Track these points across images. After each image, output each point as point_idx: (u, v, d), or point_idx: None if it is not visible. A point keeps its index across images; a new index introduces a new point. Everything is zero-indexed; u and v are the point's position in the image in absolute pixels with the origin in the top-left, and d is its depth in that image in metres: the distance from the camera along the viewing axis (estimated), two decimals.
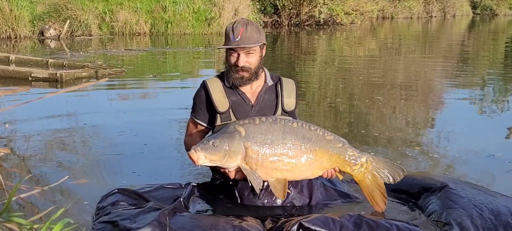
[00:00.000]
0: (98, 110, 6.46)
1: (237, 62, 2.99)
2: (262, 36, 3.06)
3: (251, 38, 2.97)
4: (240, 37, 2.95)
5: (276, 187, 2.78)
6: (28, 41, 16.47)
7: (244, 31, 2.95)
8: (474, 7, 43.37)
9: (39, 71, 8.97)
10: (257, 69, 3.06)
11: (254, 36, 2.98)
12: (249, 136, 2.73)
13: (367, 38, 20.29)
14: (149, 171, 4.07)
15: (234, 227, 2.55)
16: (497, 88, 8.69)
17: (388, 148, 4.84)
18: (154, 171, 4.05)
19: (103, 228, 2.65)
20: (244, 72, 3.01)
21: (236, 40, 2.95)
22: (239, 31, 2.95)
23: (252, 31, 2.98)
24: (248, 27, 2.98)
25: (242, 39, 2.95)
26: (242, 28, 2.96)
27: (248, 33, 2.96)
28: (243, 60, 2.99)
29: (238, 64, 2.99)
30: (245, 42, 2.95)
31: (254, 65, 3.03)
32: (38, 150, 4.67)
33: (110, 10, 18.70)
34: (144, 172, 4.03)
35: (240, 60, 2.99)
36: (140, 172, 4.05)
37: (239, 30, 2.95)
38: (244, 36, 2.95)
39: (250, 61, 3.01)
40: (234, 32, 2.96)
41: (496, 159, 4.46)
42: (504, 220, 2.77)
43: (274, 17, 25.24)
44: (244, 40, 2.95)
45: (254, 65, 3.03)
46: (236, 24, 3.00)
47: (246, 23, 3.00)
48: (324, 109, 6.74)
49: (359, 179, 2.91)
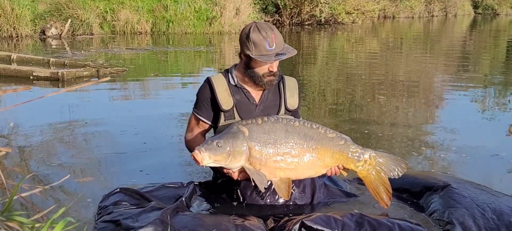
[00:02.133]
0: (99, 110, 6.47)
1: (271, 69, 2.95)
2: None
3: (282, 42, 2.93)
4: (276, 45, 2.89)
5: (280, 187, 2.78)
6: (29, 40, 16.47)
7: (276, 37, 2.89)
8: (476, 6, 43.38)
9: (40, 70, 8.97)
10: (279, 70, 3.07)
11: (282, 41, 2.94)
12: (252, 136, 2.72)
13: (369, 38, 20.28)
14: (151, 170, 4.07)
15: (237, 226, 2.55)
16: (499, 88, 8.68)
17: (390, 147, 4.84)
18: (156, 170, 4.04)
19: (105, 227, 2.65)
20: (274, 76, 3.01)
21: (273, 48, 2.88)
22: (273, 39, 2.88)
23: (278, 34, 2.94)
24: (275, 31, 2.93)
25: (278, 46, 2.90)
26: (273, 35, 2.89)
27: (278, 38, 2.91)
28: (276, 66, 2.99)
29: (273, 70, 2.96)
30: (280, 47, 2.91)
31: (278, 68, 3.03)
32: (39, 149, 4.67)
33: (111, 9, 18.71)
34: (146, 171, 4.03)
35: (275, 67, 2.97)
36: (142, 171, 4.04)
37: (272, 38, 2.88)
38: (278, 42, 2.90)
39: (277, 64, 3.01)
40: (268, 41, 2.87)
41: (499, 158, 4.45)
42: (506, 220, 2.77)
43: (276, 16, 25.24)
44: (280, 46, 2.90)
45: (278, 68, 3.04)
46: (265, 31, 2.89)
47: (271, 28, 2.93)
48: (325, 109, 6.73)
49: (363, 175, 2.90)
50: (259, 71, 2.96)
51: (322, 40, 19.15)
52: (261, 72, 2.96)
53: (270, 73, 2.96)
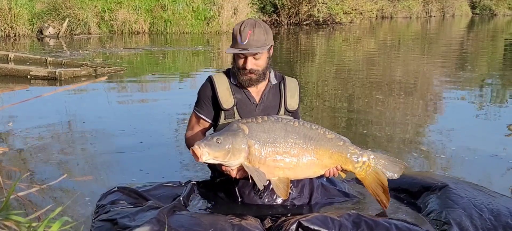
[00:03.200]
0: (97, 109, 6.46)
1: (245, 65, 2.94)
2: (270, 37, 2.99)
3: (258, 41, 2.90)
4: (248, 41, 2.87)
5: (278, 186, 2.77)
6: (27, 40, 16.46)
7: (251, 34, 2.88)
8: (473, 7, 43.45)
9: (38, 69, 8.96)
10: (265, 71, 3.02)
11: (261, 39, 2.91)
12: (252, 134, 2.71)
13: (366, 38, 20.30)
14: (149, 169, 4.07)
15: (233, 226, 2.54)
16: (496, 88, 8.70)
17: (388, 147, 4.84)
18: (154, 169, 4.05)
19: (102, 226, 2.65)
20: (252, 74, 2.97)
21: (244, 43, 2.88)
22: (247, 34, 2.87)
23: (260, 33, 2.91)
24: (256, 29, 2.90)
25: (250, 43, 2.88)
26: (250, 31, 2.88)
27: (256, 36, 2.89)
28: (251, 63, 2.94)
29: (246, 67, 2.94)
30: (252, 46, 2.88)
31: (262, 67, 2.98)
32: (36, 148, 4.66)
33: (109, 8, 18.70)
34: (144, 170, 4.03)
35: (248, 64, 2.93)
36: (140, 170, 4.04)
37: (246, 33, 2.87)
38: (252, 39, 2.88)
39: (258, 64, 2.96)
40: (242, 35, 2.88)
41: (497, 158, 4.46)
42: (504, 221, 2.77)
43: (274, 16, 25.26)
44: (251, 44, 2.88)
45: (262, 67, 2.99)
46: (244, 26, 2.91)
47: (253, 25, 2.92)
48: (323, 109, 6.73)
49: (361, 176, 2.91)
50: (237, 66, 2.99)
51: (320, 40, 19.15)
52: (238, 68, 2.98)
53: (244, 70, 2.95)
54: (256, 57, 2.94)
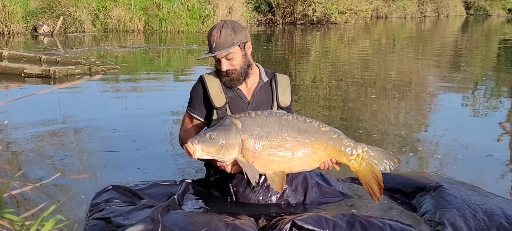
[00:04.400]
0: (91, 107, 6.44)
1: (220, 67, 2.99)
2: (240, 35, 2.99)
3: (225, 43, 2.93)
4: (216, 44, 2.92)
5: (273, 180, 2.77)
6: (21, 37, 16.39)
7: (218, 37, 2.92)
8: (468, 7, 43.55)
9: (32, 67, 8.93)
10: (244, 69, 3.03)
11: (228, 40, 2.93)
12: (245, 128, 2.71)
13: (361, 38, 20.33)
14: (144, 167, 4.06)
15: (228, 224, 2.54)
16: (490, 88, 8.73)
17: (382, 146, 4.83)
18: (149, 168, 4.04)
19: (96, 225, 2.64)
20: (231, 75, 3.00)
21: (213, 47, 2.94)
22: (214, 38, 2.92)
23: (226, 34, 2.93)
24: (222, 31, 2.93)
25: (217, 46, 2.93)
26: (217, 34, 2.92)
27: (222, 39, 2.93)
28: (225, 65, 2.97)
29: (222, 69, 2.98)
30: (219, 48, 2.93)
31: (238, 66, 3.00)
32: (30, 147, 4.65)
33: (104, 7, 18.65)
34: (139, 169, 4.02)
35: (223, 66, 2.98)
36: (134, 168, 4.04)
37: (214, 37, 2.93)
38: (218, 42, 2.92)
39: (233, 64, 2.98)
40: (210, 40, 2.95)
41: (491, 158, 4.47)
42: (497, 221, 2.78)
43: (269, 15, 25.25)
44: (219, 46, 2.92)
45: (239, 66, 3.00)
46: (211, 30, 2.97)
47: (220, 27, 2.96)
48: (317, 108, 6.74)
49: (355, 169, 2.90)
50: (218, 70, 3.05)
51: (314, 39, 19.17)
52: (220, 71, 3.03)
53: (224, 73, 3.00)
54: (228, 58, 2.97)
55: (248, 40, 3.05)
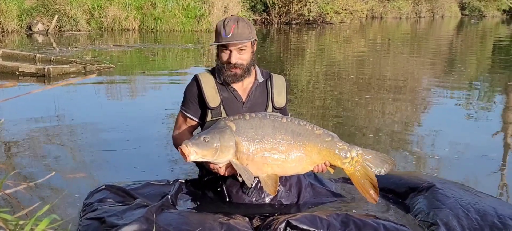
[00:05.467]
0: (86, 106, 6.43)
1: (229, 59, 2.96)
2: (253, 32, 3.02)
3: (243, 34, 2.93)
4: (232, 34, 2.90)
5: (267, 183, 2.77)
6: (15, 36, 16.34)
7: (235, 28, 2.91)
8: (463, 8, 43.66)
9: (26, 66, 8.91)
10: (250, 66, 3.04)
11: (246, 32, 2.94)
12: (240, 131, 2.71)
13: (357, 38, 20.35)
14: (137, 167, 4.06)
15: (222, 224, 2.54)
16: (484, 88, 8.76)
17: (376, 146, 4.86)
18: (142, 168, 4.04)
19: (89, 225, 2.64)
20: (237, 69, 2.98)
21: (228, 37, 2.91)
22: (231, 28, 2.90)
23: (243, 27, 2.94)
24: (240, 23, 2.94)
25: (234, 36, 2.91)
26: (234, 25, 2.91)
27: (240, 30, 2.92)
28: (236, 57, 2.96)
29: (231, 61, 2.95)
30: (237, 38, 2.91)
31: (246, 61, 3.00)
32: (25, 146, 4.64)
33: (99, 5, 18.61)
34: (132, 169, 4.02)
35: (233, 57, 2.95)
36: (128, 168, 4.03)
37: (230, 27, 2.91)
38: (236, 32, 2.91)
39: (242, 58, 2.98)
40: (226, 29, 2.91)
41: (484, 159, 4.49)
42: (490, 220, 2.79)
43: (264, 15, 25.26)
44: (236, 36, 2.91)
45: (247, 62, 3.00)
46: (227, 20, 2.95)
47: (237, 20, 2.96)
48: (312, 108, 6.74)
49: (350, 172, 2.90)
50: (221, 61, 3.00)
51: (310, 39, 19.17)
52: (223, 63, 2.99)
53: (229, 65, 2.97)
54: (241, 51, 2.96)
55: (256, 40, 3.09)
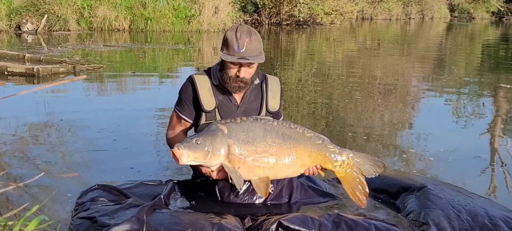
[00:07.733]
0: (75, 107, 6.39)
1: (238, 73, 2.89)
2: (262, 45, 2.95)
3: (256, 50, 2.85)
4: (246, 49, 2.81)
5: (258, 186, 2.77)
6: (4, 35, 16.23)
7: (249, 42, 2.82)
8: (452, 10, 43.98)
9: (15, 66, 8.84)
10: (254, 78, 3.00)
11: (258, 48, 2.86)
12: (231, 134, 2.72)
13: (347, 39, 20.41)
14: (130, 167, 4.04)
15: (213, 224, 2.54)
16: (473, 89, 8.81)
17: (367, 148, 4.87)
18: (135, 168, 4.02)
19: (81, 224, 2.63)
20: (242, 83, 2.93)
21: (241, 51, 2.81)
22: (245, 42, 2.81)
23: (256, 41, 2.86)
24: (252, 36, 2.85)
25: (247, 51, 2.81)
26: (247, 39, 2.81)
27: (253, 44, 2.84)
28: (245, 72, 2.89)
29: (239, 75, 2.89)
30: (251, 55, 2.82)
31: (252, 75, 2.95)
32: (14, 146, 4.60)
33: (89, 5, 18.51)
34: (125, 168, 4.00)
35: (242, 72, 2.88)
36: (120, 168, 4.01)
37: (244, 41, 2.81)
38: (249, 47, 2.82)
39: (250, 72, 2.92)
40: (239, 43, 2.81)
41: (474, 159, 4.52)
42: (481, 221, 2.80)
43: (255, 15, 25.27)
44: (249, 51, 2.82)
45: (252, 75, 2.95)
46: (240, 33, 2.83)
47: (249, 33, 2.86)
48: (302, 109, 6.75)
49: (340, 175, 2.91)
50: (229, 73, 2.91)
51: (300, 40, 19.21)
52: (230, 75, 2.91)
53: (237, 79, 2.90)
54: (251, 65, 2.90)
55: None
